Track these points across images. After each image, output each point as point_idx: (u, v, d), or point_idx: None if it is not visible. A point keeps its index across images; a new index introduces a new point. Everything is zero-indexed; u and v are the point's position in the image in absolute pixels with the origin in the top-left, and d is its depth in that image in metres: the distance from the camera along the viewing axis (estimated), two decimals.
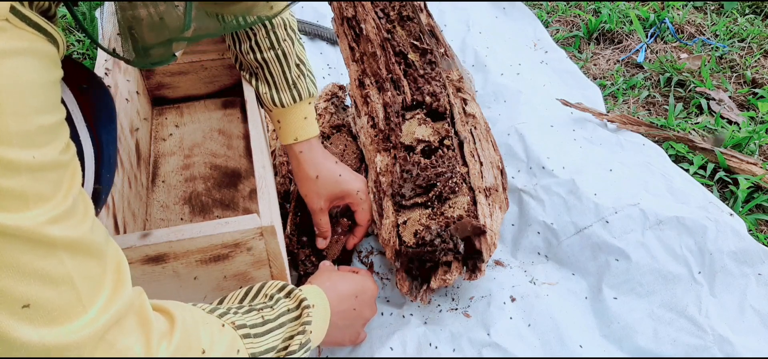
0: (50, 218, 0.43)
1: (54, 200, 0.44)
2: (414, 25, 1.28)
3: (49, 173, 0.44)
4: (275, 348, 0.66)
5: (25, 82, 0.43)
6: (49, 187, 0.44)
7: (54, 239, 0.43)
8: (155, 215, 1.20)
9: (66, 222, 0.45)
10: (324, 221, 1.04)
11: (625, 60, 1.64)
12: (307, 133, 1.01)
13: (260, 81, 1.00)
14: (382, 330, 0.99)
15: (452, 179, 1.03)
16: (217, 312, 0.64)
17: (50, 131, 0.45)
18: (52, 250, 0.43)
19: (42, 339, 0.43)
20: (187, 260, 0.77)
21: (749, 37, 1.65)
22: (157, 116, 1.42)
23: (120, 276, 0.50)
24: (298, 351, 0.68)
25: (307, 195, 1.03)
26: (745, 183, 1.20)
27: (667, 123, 1.40)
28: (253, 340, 0.63)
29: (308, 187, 1.02)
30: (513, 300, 1.02)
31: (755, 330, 0.95)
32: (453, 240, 0.97)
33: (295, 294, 0.74)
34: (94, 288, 0.47)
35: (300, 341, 0.69)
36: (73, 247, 0.45)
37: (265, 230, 0.77)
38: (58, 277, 0.44)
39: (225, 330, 0.60)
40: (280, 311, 0.70)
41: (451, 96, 1.18)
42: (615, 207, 1.08)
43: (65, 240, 0.44)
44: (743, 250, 1.01)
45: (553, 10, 1.86)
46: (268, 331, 0.66)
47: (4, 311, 0.41)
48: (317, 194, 1.02)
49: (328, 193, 1.03)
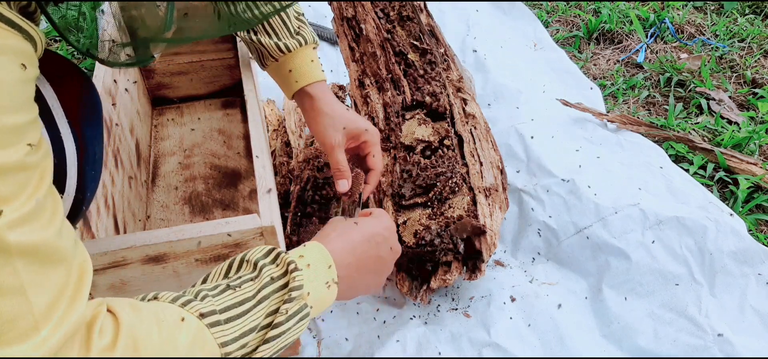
0: (8, 222, 0.41)
1: (15, 203, 0.42)
2: (414, 25, 1.28)
3: (11, 175, 0.42)
4: (256, 327, 0.59)
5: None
6: (11, 189, 0.42)
7: (9, 245, 0.41)
8: (155, 215, 1.20)
9: (27, 226, 0.43)
10: (342, 159, 0.96)
11: (625, 60, 1.64)
12: (317, 75, 0.97)
13: (261, 34, 0.96)
14: (383, 330, 0.99)
15: (452, 179, 1.03)
16: (181, 300, 0.57)
17: (15, 131, 0.43)
18: (6, 258, 0.41)
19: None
20: (187, 261, 0.77)
21: (749, 37, 1.65)
22: (157, 116, 1.42)
23: (80, 286, 0.48)
24: (287, 323, 0.61)
25: (323, 132, 0.96)
26: (745, 183, 1.20)
27: (667, 123, 1.40)
28: (223, 327, 0.56)
29: (324, 123, 0.95)
30: (513, 300, 1.02)
31: (755, 330, 0.95)
32: (453, 240, 0.97)
33: (281, 258, 0.65)
34: (50, 302, 0.44)
35: (287, 311, 0.61)
36: (31, 253, 0.43)
37: (265, 230, 0.77)
38: (10, 288, 0.41)
39: (185, 324, 0.54)
40: (263, 282, 0.61)
41: (451, 96, 1.18)
42: (615, 207, 1.08)
43: (23, 246, 0.42)
44: (743, 250, 1.01)
45: (553, 10, 1.86)
46: (245, 312, 0.59)
47: None
48: (333, 127, 0.95)
49: (345, 127, 0.96)
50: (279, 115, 1.39)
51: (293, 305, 0.62)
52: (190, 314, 0.56)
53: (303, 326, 0.64)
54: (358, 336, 0.99)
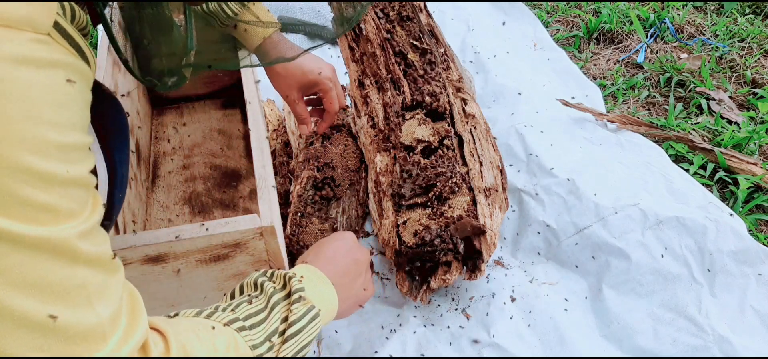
0: (78, 233, 0.42)
1: (81, 217, 0.43)
2: (413, 25, 1.28)
3: (78, 190, 0.43)
4: (276, 330, 0.63)
5: (64, 95, 0.42)
6: (77, 204, 0.43)
7: (80, 253, 0.43)
8: (155, 215, 1.20)
9: (90, 240, 0.44)
10: (301, 109, 1.04)
11: (625, 60, 1.64)
12: (266, 31, 0.98)
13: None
14: (383, 330, 0.99)
15: (452, 179, 1.03)
16: (205, 313, 0.61)
17: (82, 148, 0.45)
18: (75, 267, 0.43)
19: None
20: (187, 261, 0.77)
21: (749, 37, 1.65)
22: (157, 116, 1.42)
23: (135, 304, 0.50)
24: (300, 321, 0.64)
25: (279, 89, 1.03)
26: (745, 183, 1.20)
27: (667, 123, 1.40)
28: (250, 331, 0.60)
29: (278, 81, 1.02)
30: (513, 300, 1.02)
31: (755, 330, 0.95)
32: (453, 240, 0.97)
33: (276, 274, 0.70)
34: (113, 313, 0.46)
35: (297, 311, 0.64)
36: (96, 263, 0.45)
37: (265, 230, 0.77)
38: (78, 298, 0.43)
39: (217, 331, 0.57)
40: (269, 293, 0.66)
41: (451, 96, 1.18)
42: (615, 207, 1.08)
43: (90, 256, 0.44)
44: (743, 250, 1.01)
45: (553, 10, 1.86)
46: (264, 318, 0.62)
47: (27, 329, 0.40)
48: (287, 85, 1.02)
49: (296, 82, 1.01)
50: (279, 115, 1.39)
51: (300, 306, 0.65)
52: (218, 323, 0.59)
53: (316, 326, 0.66)
54: (358, 336, 0.99)
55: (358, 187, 1.20)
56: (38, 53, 0.40)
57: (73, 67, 0.44)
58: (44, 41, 0.41)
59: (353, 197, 1.18)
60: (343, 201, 1.17)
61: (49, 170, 0.40)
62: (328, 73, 1.03)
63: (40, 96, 0.40)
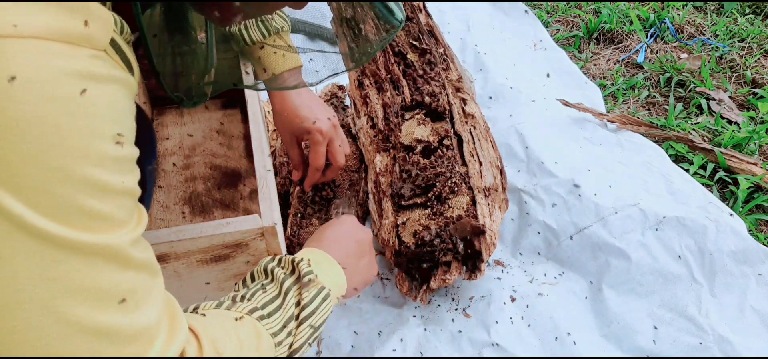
0: (131, 240, 0.45)
1: (130, 225, 0.46)
2: (413, 25, 1.28)
3: (129, 200, 0.46)
4: (292, 315, 0.64)
5: (120, 109, 0.44)
6: (127, 213, 0.45)
7: (132, 259, 0.45)
8: (155, 215, 1.20)
9: (139, 246, 0.46)
10: (293, 154, 1.06)
11: (625, 60, 1.64)
12: (278, 66, 0.99)
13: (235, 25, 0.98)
14: (383, 330, 0.99)
15: (451, 179, 1.03)
16: (225, 304, 0.62)
17: (132, 160, 0.47)
18: (126, 272, 0.44)
19: None
20: (187, 261, 0.77)
21: (749, 37, 1.65)
22: (158, 116, 1.42)
23: (174, 307, 0.51)
24: (312, 303, 0.66)
25: (277, 128, 1.05)
26: (745, 183, 1.20)
27: (667, 123, 1.40)
28: (268, 320, 0.62)
29: (276, 120, 1.04)
30: (513, 300, 1.02)
31: (755, 330, 0.95)
32: (452, 240, 0.97)
33: (285, 259, 0.71)
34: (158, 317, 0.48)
35: (308, 293, 0.66)
36: (144, 269, 0.47)
37: (265, 230, 0.77)
38: (130, 302, 0.45)
39: (240, 323, 0.59)
40: (281, 279, 0.67)
41: (451, 96, 1.18)
42: (615, 207, 1.08)
43: (140, 262, 0.46)
44: (743, 250, 1.01)
45: (553, 10, 1.86)
46: (280, 305, 0.64)
47: (81, 333, 0.42)
48: (282, 127, 1.03)
49: (290, 126, 1.02)
50: None
51: (311, 287, 0.67)
52: (240, 313, 0.60)
53: (328, 305, 0.68)
54: (358, 336, 0.99)
55: (358, 187, 1.20)
56: (98, 69, 0.42)
57: (124, 81, 0.46)
58: (101, 57, 0.43)
59: (353, 197, 1.18)
60: (342, 202, 1.17)
61: (109, 181, 0.42)
62: (324, 126, 1.02)
63: (100, 111, 0.42)
